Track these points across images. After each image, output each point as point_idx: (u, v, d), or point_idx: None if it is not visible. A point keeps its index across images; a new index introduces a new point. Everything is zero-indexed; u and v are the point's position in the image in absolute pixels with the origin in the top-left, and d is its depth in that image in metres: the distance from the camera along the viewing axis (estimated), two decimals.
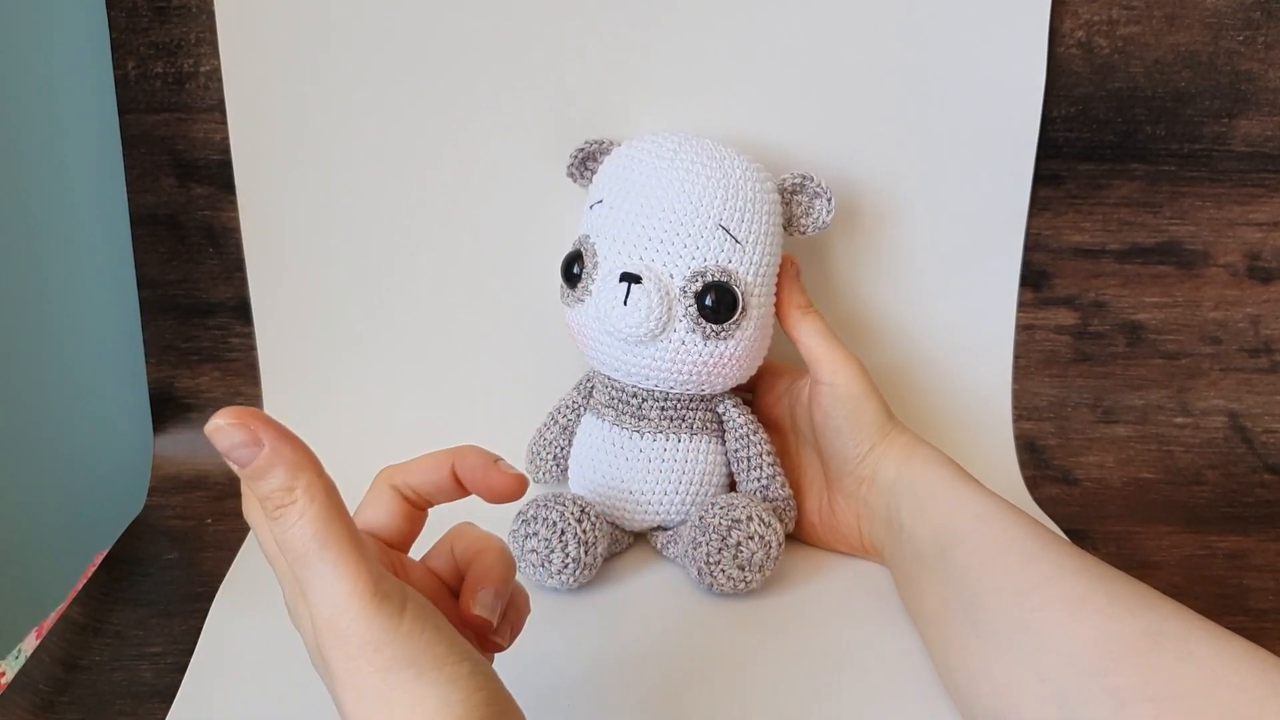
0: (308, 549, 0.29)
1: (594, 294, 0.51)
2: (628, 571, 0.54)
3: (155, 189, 0.60)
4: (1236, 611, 0.52)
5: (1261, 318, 0.64)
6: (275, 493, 0.30)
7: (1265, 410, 0.65)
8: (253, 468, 0.29)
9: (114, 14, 0.57)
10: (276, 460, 0.29)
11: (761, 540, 0.50)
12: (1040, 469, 0.63)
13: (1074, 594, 0.39)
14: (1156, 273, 0.63)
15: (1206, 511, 0.61)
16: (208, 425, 0.30)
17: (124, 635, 0.49)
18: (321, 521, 0.29)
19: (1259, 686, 0.33)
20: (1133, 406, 0.65)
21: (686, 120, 0.57)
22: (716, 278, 0.49)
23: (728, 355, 0.51)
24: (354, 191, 0.60)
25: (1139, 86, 0.60)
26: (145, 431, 0.63)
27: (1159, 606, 0.38)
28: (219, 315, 0.62)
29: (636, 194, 0.50)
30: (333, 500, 0.30)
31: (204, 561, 0.55)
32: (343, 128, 0.59)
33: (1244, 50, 0.60)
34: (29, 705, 0.44)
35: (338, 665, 0.30)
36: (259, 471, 0.29)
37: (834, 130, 0.59)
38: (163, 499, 0.60)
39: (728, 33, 0.57)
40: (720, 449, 0.55)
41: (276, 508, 0.30)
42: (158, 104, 0.59)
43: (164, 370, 0.63)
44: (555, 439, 0.57)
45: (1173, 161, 0.62)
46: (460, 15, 0.57)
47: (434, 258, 0.61)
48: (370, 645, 0.29)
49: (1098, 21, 0.59)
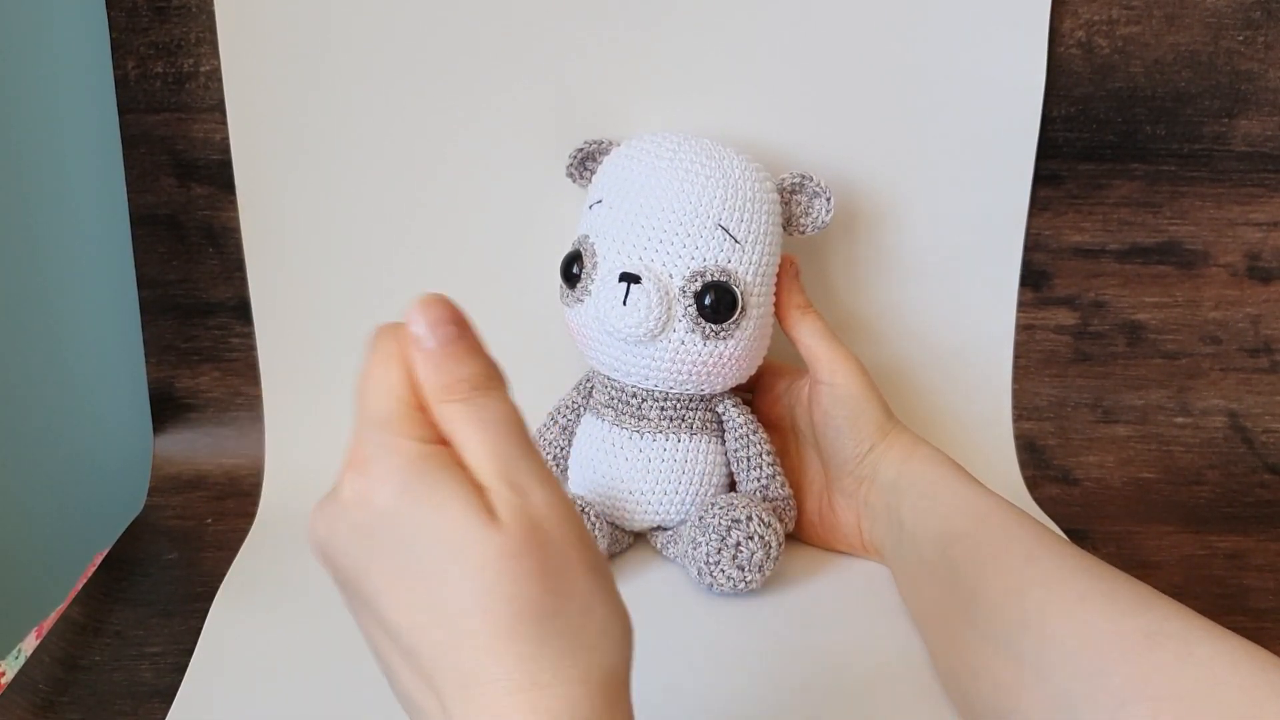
0: (518, 430, 0.28)
1: (593, 294, 0.51)
2: (628, 571, 0.54)
3: (155, 189, 0.60)
4: (1236, 611, 0.52)
5: (1261, 318, 0.64)
6: (479, 374, 0.28)
7: (1265, 410, 0.65)
8: (467, 342, 0.28)
9: (114, 14, 0.57)
10: (485, 351, 0.28)
11: (761, 540, 0.50)
12: (1040, 469, 0.63)
13: (1073, 593, 0.39)
14: (1156, 273, 0.63)
15: (1206, 511, 0.61)
16: (421, 298, 0.28)
17: (124, 635, 0.49)
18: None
19: (1258, 686, 0.33)
20: (1133, 406, 0.65)
21: (686, 120, 0.57)
22: (716, 277, 0.49)
23: (727, 355, 0.51)
24: (354, 191, 0.60)
25: (1139, 86, 0.60)
26: (145, 431, 0.63)
27: (1158, 606, 0.38)
28: (219, 315, 0.62)
29: (636, 194, 0.50)
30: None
31: (204, 561, 0.55)
32: (343, 128, 0.59)
33: (1244, 50, 0.60)
34: (29, 705, 0.44)
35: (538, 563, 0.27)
36: (472, 349, 0.28)
37: (834, 130, 0.59)
38: (163, 499, 0.60)
39: (727, 33, 0.57)
40: (720, 449, 0.55)
41: (476, 388, 0.28)
42: (158, 104, 0.59)
43: (164, 370, 0.63)
44: (555, 439, 0.57)
45: (1173, 161, 0.62)
46: (460, 15, 0.57)
47: (433, 258, 0.61)
48: (581, 540, 0.28)
49: (1098, 21, 0.59)
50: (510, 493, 0.27)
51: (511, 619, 0.26)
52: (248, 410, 0.63)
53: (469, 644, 0.27)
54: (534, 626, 0.26)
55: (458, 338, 0.28)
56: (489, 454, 0.28)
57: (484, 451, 0.28)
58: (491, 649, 0.26)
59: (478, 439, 0.28)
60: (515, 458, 0.28)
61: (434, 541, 0.27)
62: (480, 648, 0.26)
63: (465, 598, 0.26)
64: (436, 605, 0.27)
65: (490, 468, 0.27)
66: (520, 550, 0.26)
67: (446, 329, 0.28)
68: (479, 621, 0.26)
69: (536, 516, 0.27)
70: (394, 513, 0.27)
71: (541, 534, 0.27)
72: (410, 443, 0.28)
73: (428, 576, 0.27)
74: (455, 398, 0.28)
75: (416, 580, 0.27)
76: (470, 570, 0.26)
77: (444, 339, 0.28)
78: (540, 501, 0.27)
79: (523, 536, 0.27)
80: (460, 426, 0.28)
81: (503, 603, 0.26)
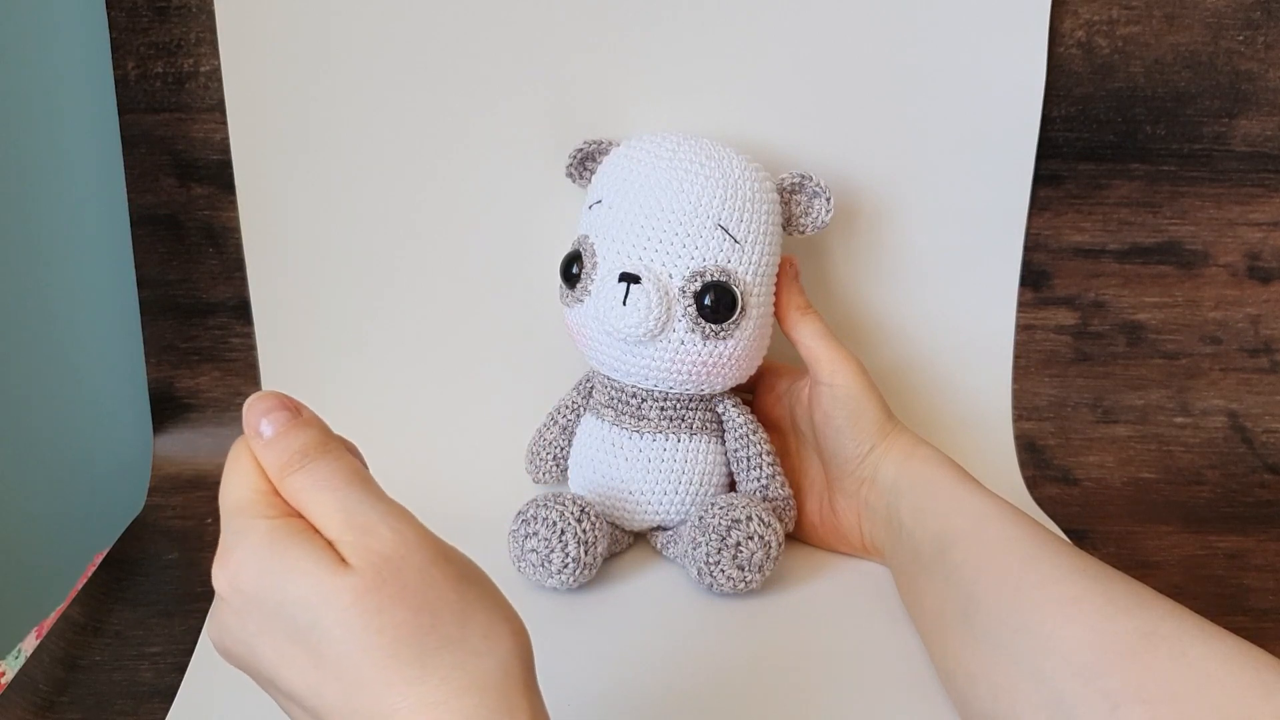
0: (356, 480, 0.30)
1: (593, 294, 0.51)
2: (628, 571, 0.54)
3: (155, 189, 0.60)
4: (1236, 611, 0.52)
5: (1261, 318, 0.64)
6: (311, 443, 0.31)
7: (1265, 410, 0.65)
8: (297, 420, 0.31)
9: (114, 14, 0.57)
10: (316, 421, 0.31)
11: (761, 540, 0.50)
12: (1040, 469, 0.63)
13: (1070, 595, 0.39)
14: (1156, 273, 0.63)
15: (1206, 511, 0.61)
16: (249, 399, 0.31)
17: (124, 635, 0.49)
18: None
19: (1252, 686, 0.33)
20: (1133, 406, 0.65)
21: (685, 120, 0.57)
22: (715, 277, 0.49)
23: (727, 355, 0.51)
24: (354, 191, 0.60)
25: (1139, 86, 0.60)
26: (145, 431, 0.63)
27: (1155, 606, 0.38)
28: (219, 315, 0.62)
29: (635, 194, 0.50)
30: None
31: (204, 561, 0.54)
32: (343, 128, 0.59)
33: (1244, 50, 0.60)
34: (29, 705, 0.44)
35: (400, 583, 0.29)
36: (302, 424, 0.31)
37: (834, 130, 0.59)
38: (163, 499, 0.60)
39: (727, 33, 0.57)
40: (720, 449, 0.55)
41: (309, 455, 0.31)
42: (158, 104, 0.59)
43: (164, 370, 0.63)
44: (555, 439, 0.57)
45: (1173, 161, 0.62)
46: (460, 15, 0.57)
47: (433, 258, 0.61)
48: (442, 556, 0.29)
49: (1098, 21, 0.59)
50: (355, 536, 0.29)
51: (388, 649, 0.28)
52: None
53: (360, 687, 0.28)
54: (411, 649, 0.28)
55: (289, 420, 0.31)
56: (331, 509, 0.30)
57: (327, 508, 0.30)
58: (381, 682, 0.28)
59: (319, 499, 0.30)
60: (355, 504, 0.30)
61: (299, 604, 0.29)
62: (371, 685, 0.28)
63: (341, 644, 0.28)
64: (322, 662, 0.29)
65: (335, 521, 0.30)
66: (374, 585, 0.28)
67: (278, 415, 0.31)
68: (360, 661, 0.28)
69: (385, 551, 0.29)
70: (258, 589, 0.29)
71: (393, 564, 0.29)
72: (261, 521, 0.30)
73: (305, 638, 0.29)
74: (294, 469, 0.31)
75: (297, 645, 0.29)
76: (336, 618, 0.28)
77: (278, 424, 0.31)
78: (387, 536, 0.29)
79: (374, 572, 0.28)
80: (304, 494, 0.30)
81: (373, 636, 0.28)
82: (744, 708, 0.44)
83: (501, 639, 0.29)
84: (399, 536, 0.29)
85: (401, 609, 0.28)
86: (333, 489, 0.30)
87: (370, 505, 0.30)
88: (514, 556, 0.51)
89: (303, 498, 0.30)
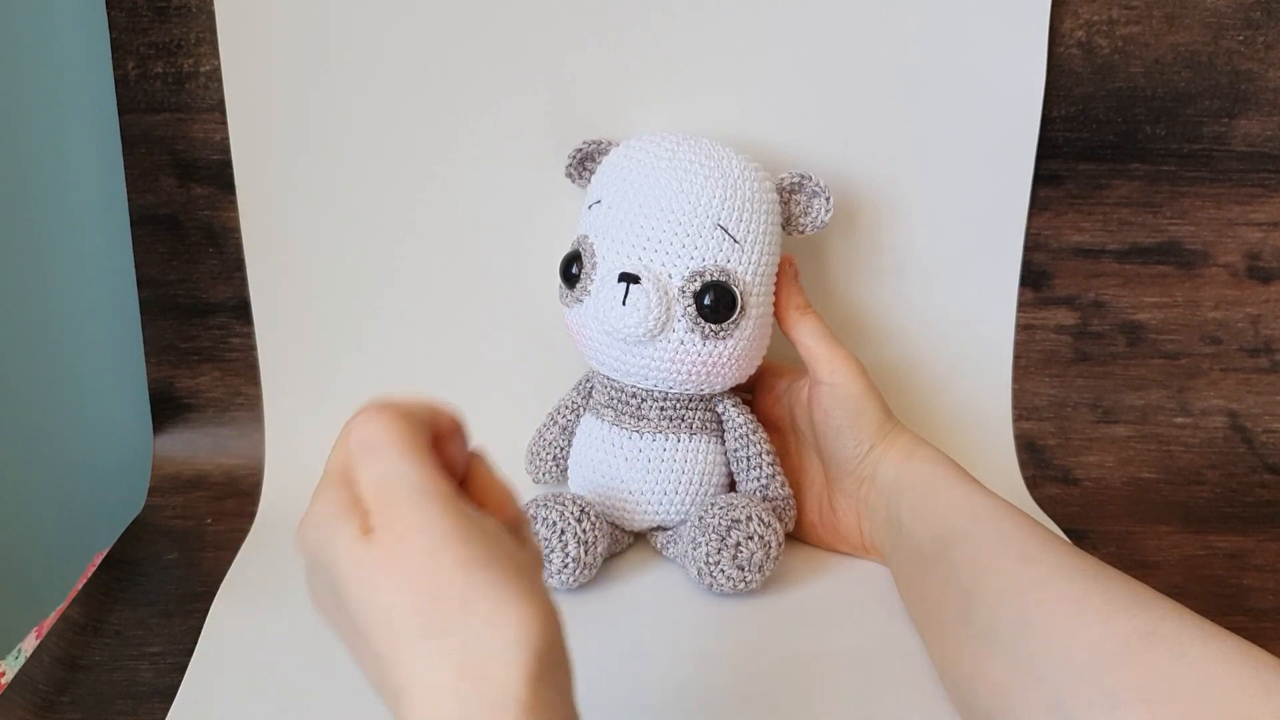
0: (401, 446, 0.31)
1: (593, 294, 0.51)
2: (628, 571, 0.54)
3: (155, 189, 0.60)
4: (1236, 611, 0.52)
5: (1261, 318, 0.64)
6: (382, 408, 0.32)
7: (1265, 410, 0.65)
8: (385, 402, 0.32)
9: (114, 14, 0.57)
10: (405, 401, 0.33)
11: (761, 540, 0.50)
12: (1040, 469, 0.63)
13: (1070, 594, 0.39)
14: (1156, 273, 0.63)
15: (1206, 511, 0.61)
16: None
17: (124, 635, 0.49)
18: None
19: (1252, 686, 0.33)
20: (1133, 406, 0.65)
21: (685, 120, 0.57)
22: (715, 277, 0.49)
23: (727, 355, 0.51)
24: (354, 191, 0.60)
25: (1139, 86, 0.60)
26: (145, 431, 0.63)
27: (1154, 606, 0.38)
28: (219, 315, 0.62)
29: (635, 194, 0.50)
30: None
31: (204, 561, 0.55)
32: (343, 128, 0.59)
33: (1244, 50, 0.60)
34: (29, 705, 0.44)
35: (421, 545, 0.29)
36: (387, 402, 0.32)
37: (834, 130, 0.59)
38: (163, 499, 0.61)
39: (726, 33, 0.57)
40: (720, 449, 0.55)
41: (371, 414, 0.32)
42: (158, 104, 0.59)
43: (164, 370, 0.63)
44: (555, 439, 0.57)
45: (1173, 161, 0.62)
46: (459, 15, 0.57)
47: (433, 258, 0.61)
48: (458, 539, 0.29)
49: (1098, 21, 0.59)
50: (380, 508, 0.29)
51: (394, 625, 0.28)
52: (248, 410, 0.63)
53: (378, 659, 0.29)
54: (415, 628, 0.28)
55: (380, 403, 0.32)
56: (370, 476, 0.30)
57: (367, 475, 0.30)
58: (391, 657, 0.28)
59: (365, 465, 0.30)
60: (392, 475, 0.30)
61: (330, 569, 0.29)
62: (385, 659, 0.28)
63: (358, 614, 0.29)
64: (353, 627, 0.29)
65: (370, 491, 0.30)
66: (380, 560, 0.28)
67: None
68: (372, 633, 0.28)
69: (398, 528, 0.29)
70: (310, 552, 0.31)
71: (404, 542, 0.29)
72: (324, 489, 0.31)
73: (340, 604, 0.30)
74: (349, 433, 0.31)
75: (339, 610, 0.30)
76: (353, 590, 0.29)
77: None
78: (406, 512, 0.29)
79: (383, 548, 0.29)
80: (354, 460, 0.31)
81: (379, 611, 0.28)
82: (744, 707, 0.44)
83: (505, 626, 0.28)
84: (417, 513, 0.29)
85: (404, 588, 0.28)
86: (376, 455, 0.30)
87: (404, 475, 0.30)
88: None
89: (354, 462, 0.31)
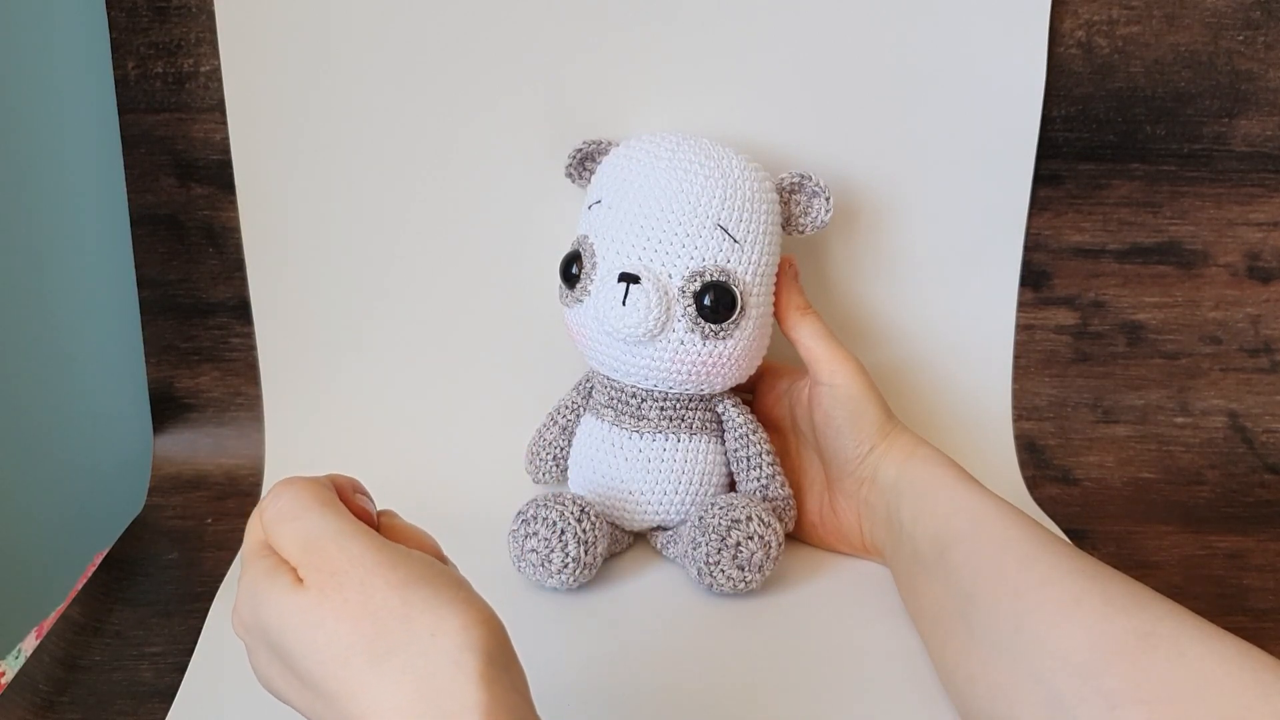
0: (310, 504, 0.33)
1: (592, 294, 0.51)
2: (628, 571, 0.54)
3: (155, 189, 0.60)
4: (1236, 611, 0.52)
5: (1261, 318, 0.64)
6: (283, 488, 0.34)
7: (1265, 410, 0.65)
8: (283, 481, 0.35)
9: (114, 14, 0.57)
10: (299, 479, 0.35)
11: (761, 540, 0.50)
12: (1040, 469, 0.63)
13: (1069, 595, 0.39)
14: (1156, 273, 0.63)
15: (1206, 511, 0.61)
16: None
17: (124, 635, 0.49)
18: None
19: (1250, 687, 0.33)
20: (1133, 406, 0.65)
21: (684, 120, 0.57)
22: (715, 277, 0.49)
23: (726, 355, 0.51)
24: (354, 191, 0.60)
25: (1139, 86, 0.60)
26: (145, 431, 0.63)
27: (1153, 607, 0.38)
28: (219, 315, 0.62)
29: (634, 194, 0.50)
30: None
31: (204, 561, 0.55)
32: (342, 128, 0.59)
33: (1244, 50, 0.60)
34: (29, 705, 0.44)
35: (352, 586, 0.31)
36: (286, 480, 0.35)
37: (833, 130, 0.59)
38: (163, 499, 0.61)
39: (726, 33, 0.57)
40: (720, 449, 0.55)
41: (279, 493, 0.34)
42: (158, 104, 0.59)
43: (164, 370, 0.63)
44: (555, 439, 0.57)
45: (1173, 161, 0.62)
46: (459, 15, 0.57)
47: (433, 258, 0.61)
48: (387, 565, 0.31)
49: (1098, 21, 0.59)
50: (306, 557, 0.32)
51: (340, 659, 0.30)
52: (248, 410, 0.63)
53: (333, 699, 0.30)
54: (361, 657, 0.30)
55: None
56: (290, 535, 0.32)
57: (287, 536, 0.33)
58: (345, 693, 0.30)
59: (283, 530, 0.33)
60: (310, 527, 0.32)
61: (270, 628, 0.31)
62: (338, 696, 0.30)
63: (303, 660, 0.31)
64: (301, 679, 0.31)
65: (294, 547, 0.32)
66: (317, 600, 0.31)
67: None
68: (321, 673, 0.30)
69: (328, 567, 0.31)
70: (251, 623, 0.32)
71: (337, 578, 0.31)
72: (250, 563, 0.33)
73: (284, 659, 0.31)
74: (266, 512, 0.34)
75: (285, 668, 0.32)
76: (293, 635, 0.31)
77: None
78: (332, 552, 0.31)
79: (318, 589, 0.31)
80: (272, 529, 0.33)
81: (322, 650, 0.30)
82: (744, 708, 0.44)
83: (449, 635, 0.30)
84: (343, 552, 0.31)
85: (344, 620, 0.30)
86: (293, 518, 0.33)
87: (323, 526, 0.32)
88: (514, 556, 0.51)
89: (272, 532, 0.33)
